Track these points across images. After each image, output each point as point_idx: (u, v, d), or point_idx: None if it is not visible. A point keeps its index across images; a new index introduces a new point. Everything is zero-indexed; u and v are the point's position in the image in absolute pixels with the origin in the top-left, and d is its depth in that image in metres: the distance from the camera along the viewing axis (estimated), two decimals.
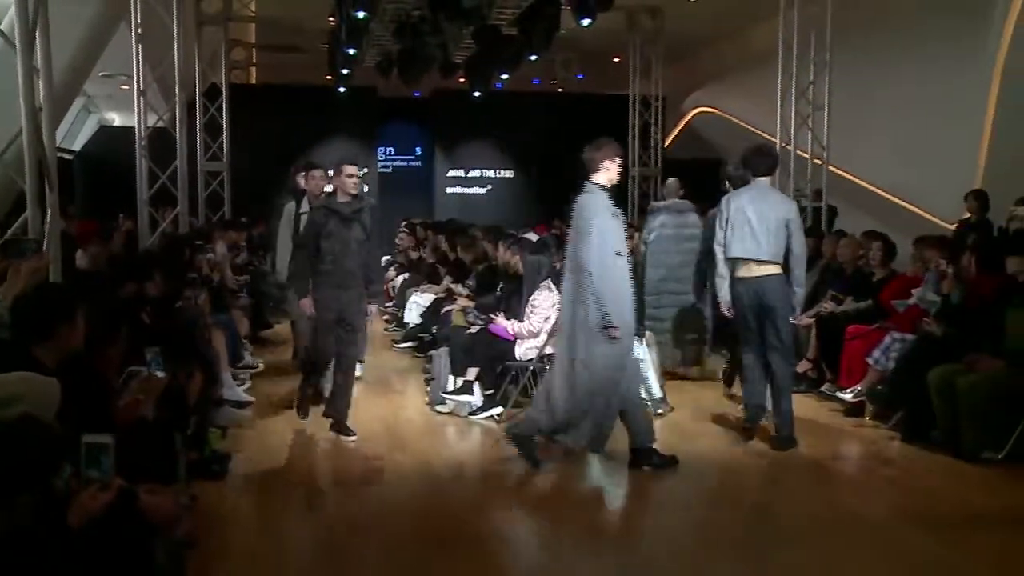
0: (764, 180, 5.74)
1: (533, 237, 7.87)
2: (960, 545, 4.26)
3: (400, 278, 11.01)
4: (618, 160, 5.26)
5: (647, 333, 7.00)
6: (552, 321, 6.57)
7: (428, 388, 7.16)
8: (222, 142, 13.83)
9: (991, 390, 5.33)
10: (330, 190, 6.58)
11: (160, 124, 10.32)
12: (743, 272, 5.65)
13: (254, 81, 18.92)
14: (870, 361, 6.39)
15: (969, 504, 4.86)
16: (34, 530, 2.51)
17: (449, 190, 17.34)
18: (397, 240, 12.90)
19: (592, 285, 4.97)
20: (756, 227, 5.55)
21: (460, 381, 6.61)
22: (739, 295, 5.69)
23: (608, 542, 4.50)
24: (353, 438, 5.85)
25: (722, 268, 5.76)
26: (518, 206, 16.26)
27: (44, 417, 2.75)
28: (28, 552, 2.48)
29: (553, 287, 6.74)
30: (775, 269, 5.61)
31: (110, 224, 10.13)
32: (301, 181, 7.27)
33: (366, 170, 16.16)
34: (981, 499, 4.94)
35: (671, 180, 8.29)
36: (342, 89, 14.70)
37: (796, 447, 5.71)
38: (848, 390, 6.61)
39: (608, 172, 5.21)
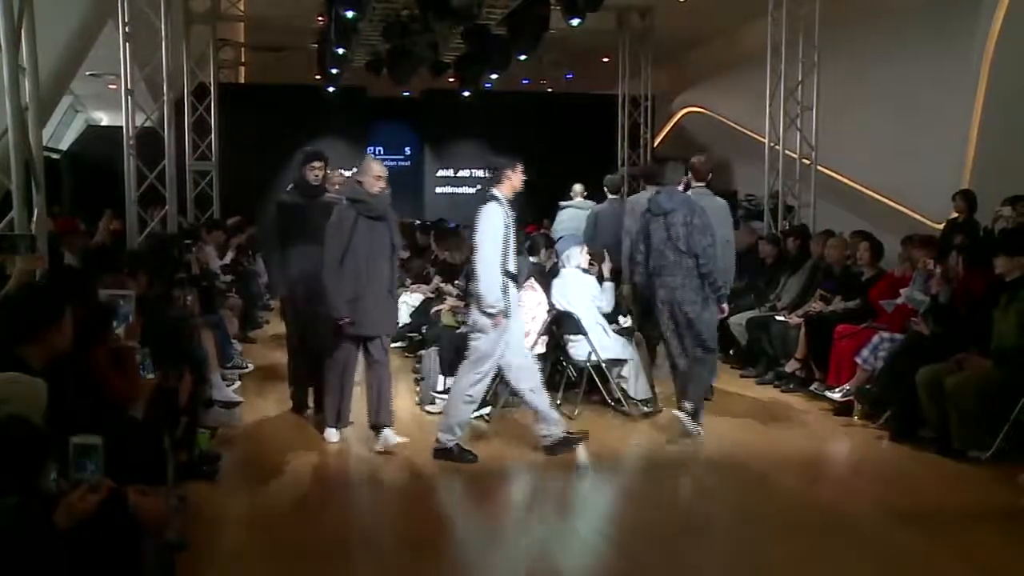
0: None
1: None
2: (946, 543, 4.28)
3: None
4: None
5: (636, 333, 7.02)
6: (539, 320, 6.57)
7: (418, 388, 7.15)
8: (211, 142, 13.78)
9: (979, 389, 5.36)
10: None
11: (148, 124, 10.27)
12: None
13: (243, 80, 18.86)
14: (859, 360, 6.42)
15: (956, 503, 4.89)
16: (21, 531, 2.49)
17: (439, 190, 17.34)
18: None
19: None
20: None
21: (450, 381, 6.60)
22: None
23: (597, 541, 4.50)
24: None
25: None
26: None
27: (31, 418, 2.74)
28: (15, 553, 2.46)
29: (537, 286, 6.74)
30: None
31: (94, 223, 10.09)
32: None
33: (355, 169, 16.15)
34: (968, 498, 4.97)
35: (577, 185, 9.87)
36: (331, 89, 14.66)
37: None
38: (837, 389, 6.64)
39: None
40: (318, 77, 14.94)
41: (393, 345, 9.17)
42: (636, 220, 6.43)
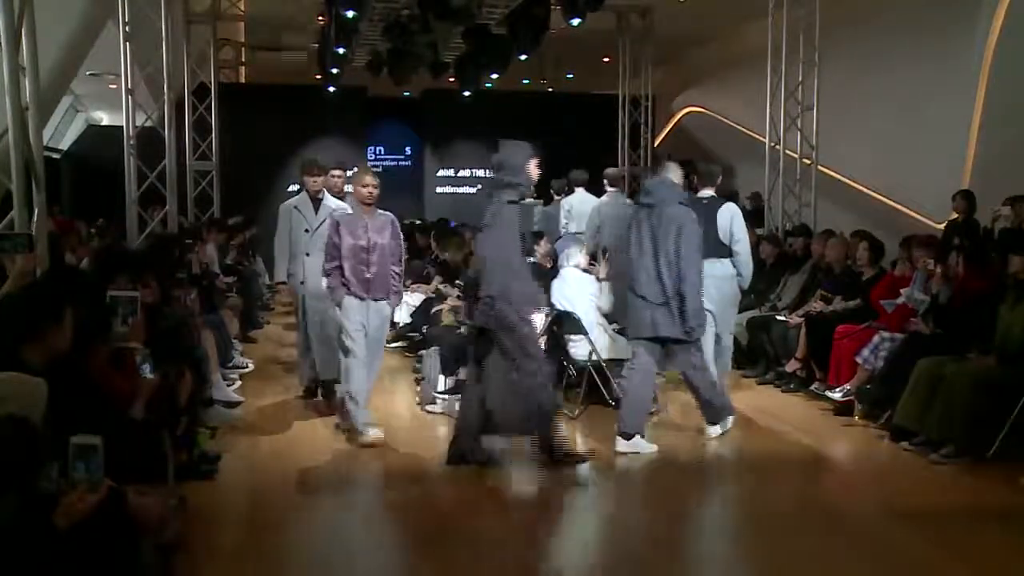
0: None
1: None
2: (946, 543, 4.28)
3: None
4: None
5: None
6: (537, 320, 6.56)
7: (419, 388, 7.15)
8: (211, 141, 13.78)
9: (980, 388, 5.35)
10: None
11: (148, 123, 10.26)
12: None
13: (243, 80, 18.85)
14: (859, 360, 6.42)
15: (956, 503, 4.89)
16: (20, 531, 2.49)
17: (439, 189, 17.31)
18: None
19: None
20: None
21: (451, 381, 6.60)
22: None
23: (596, 539, 4.50)
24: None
25: None
26: None
27: (31, 418, 2.74)
28: (13, 553, 2.46)
29: None
30: None
31: (94, 223, 10.10)
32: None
33: (355, 169, 16.14)
34: (968, 498, 4.96)
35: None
36: (331, 88, 14.65)
37: None
38: (837, 389, 6.63)
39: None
40: (318, 77, 14.93)
41: (393, 345, 9.20)
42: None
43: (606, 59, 16.08)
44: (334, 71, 13.41)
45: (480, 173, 17.26)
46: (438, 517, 4.70)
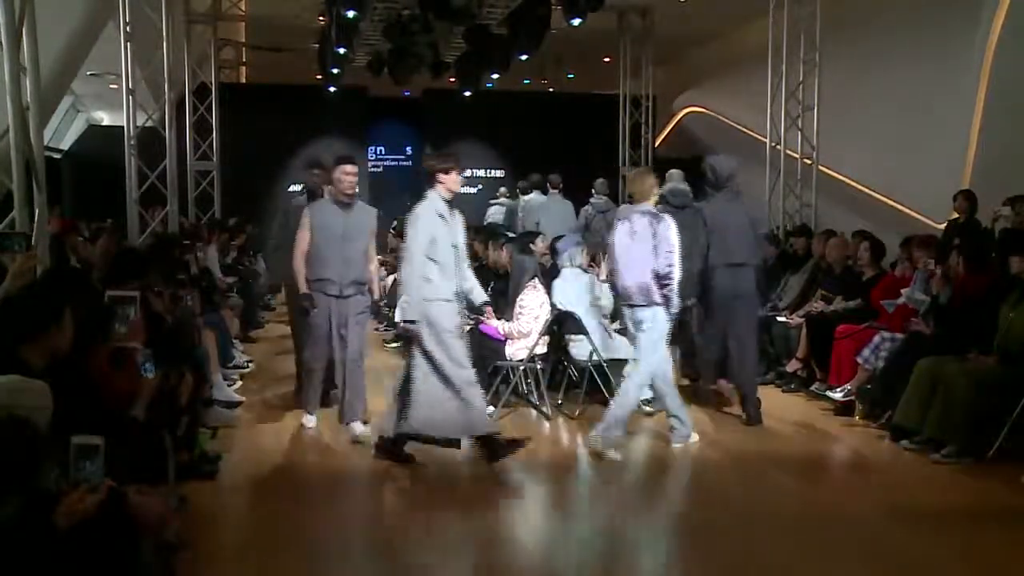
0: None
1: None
2: (946, 543, 4.28)
3: (391, 278, 10.99)
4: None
5: None
6: (542, 320, 6.58)
7: None
8: (212, 141, 13.80)
9: (980, 388, 5.35)
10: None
11: (149, 123, 10.28)
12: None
13: (244, 80, 18.88)
14: (860, 360, 6.42)
15: (956, 503, 4.89)
16: (20, 531, 2.50)
17: None
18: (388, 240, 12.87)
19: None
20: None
21: None
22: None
23: (597, 541, 4.50)
24: None
25: None
26: None
27: (38, 422, 2.73)
28: (14, 553, 2.47)
29: (540, 286, 6.76)
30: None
31: (94, 223, 10.11)
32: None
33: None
34: (968, 498, 4.96)
35: (502, 188, 12.21)
36: (332, 88, 14.68)
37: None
38: (838, 389, 6.64)
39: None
40: (319, 77, 14.95)
41: (394, 345, 9.21)
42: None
43: (606, 59, 16.09)
44: (335, 71, 13.42)
45: (481, 173, 17.26)
46: (440, 515, 4.70)
